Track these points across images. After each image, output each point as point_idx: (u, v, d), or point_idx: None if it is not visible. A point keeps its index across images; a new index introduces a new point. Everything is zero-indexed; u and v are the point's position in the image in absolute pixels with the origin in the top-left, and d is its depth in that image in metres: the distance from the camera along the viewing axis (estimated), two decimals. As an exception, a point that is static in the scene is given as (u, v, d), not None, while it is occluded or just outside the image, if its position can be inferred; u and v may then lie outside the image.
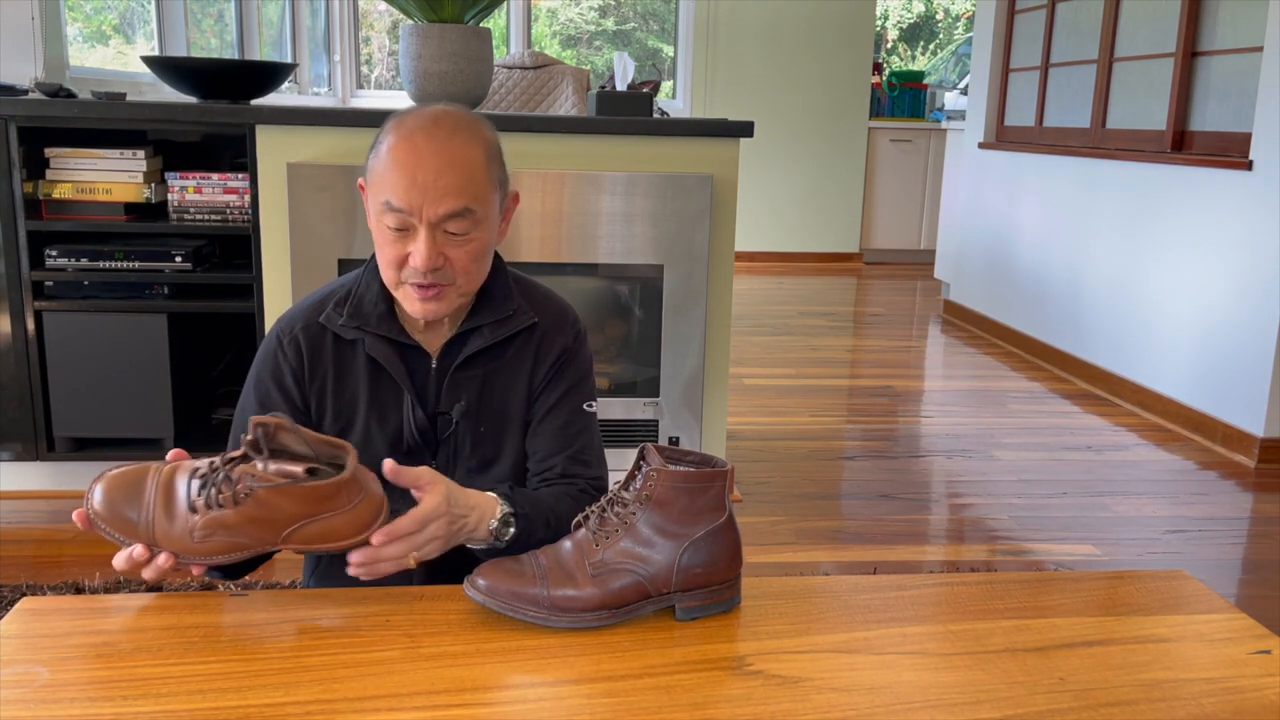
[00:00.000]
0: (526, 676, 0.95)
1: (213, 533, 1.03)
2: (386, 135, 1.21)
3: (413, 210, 1.17)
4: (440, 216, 1.18)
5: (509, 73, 4.00)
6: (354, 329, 1.27)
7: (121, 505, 1.04)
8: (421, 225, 1.18)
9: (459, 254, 1.20)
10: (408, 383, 1.28)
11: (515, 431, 1.32)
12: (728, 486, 1.06)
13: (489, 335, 1.29)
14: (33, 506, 2.76)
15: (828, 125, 7.30)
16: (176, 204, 2.67)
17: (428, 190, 1.17)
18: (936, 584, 1.16)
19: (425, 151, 1.17)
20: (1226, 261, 3.53)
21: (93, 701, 0.88)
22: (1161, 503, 3.04)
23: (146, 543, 1.03)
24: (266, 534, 1.03)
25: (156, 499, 1.04)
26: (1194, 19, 3.86)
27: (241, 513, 1.02)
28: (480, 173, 1.20)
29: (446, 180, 1.17)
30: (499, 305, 1.30)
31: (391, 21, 7.14)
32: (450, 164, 1.18)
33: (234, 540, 1.03)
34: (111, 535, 1.03)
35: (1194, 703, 0.93)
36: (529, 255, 2.65)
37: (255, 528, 1.03)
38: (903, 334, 5.32)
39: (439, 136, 1.18)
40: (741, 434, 3.55)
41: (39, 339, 2.64)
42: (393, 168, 1.18)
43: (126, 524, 1.03)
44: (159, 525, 1.03)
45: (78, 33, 3.96)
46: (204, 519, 1.02)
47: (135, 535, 1.03)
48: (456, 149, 1.19)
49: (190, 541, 1.03)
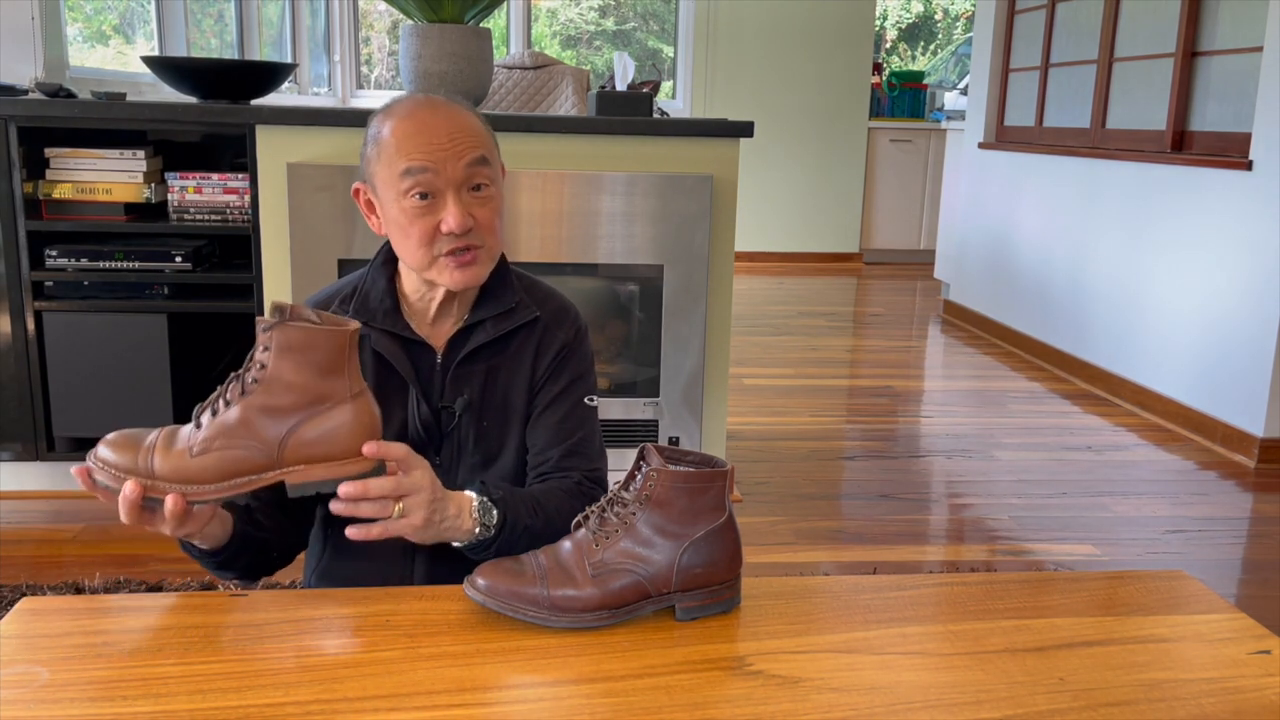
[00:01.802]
0: (526, 676, 0.95)
1: (210, 444, 1.01)
2: (381, 124, 1.23)
3: (436, 166, 1.19)
4: (463, 169, 1.20)
5: (509, 73, 4.00)
6: (360, 326, 1.27)
7: (122, 445, 1.03)
8: (448, 189, 1.20)
9: (484, 213, 1.23)
10: (413, 378, 1.28)
11: (518, 426, 1.33)
12: (728, 486, 1.06)
13: (492, 329, 1.30)
14: (33, 506, 2.76)
15: (827, 125, 7.30)
16: (176, 204, 2.67)
17: (445, 148, 1.20)
18: (936, 584, 1.16)
19: (430, 121, 1.21)
20: (1226, 261, 3.53)
21: (93, 701, 0.88)
22: (1161, 503, 3.04)
23: (144, 475, 1.01)
24: (267, 434, 1.01)
25: (160, 436, 1.04)
26: (1194, 19, 3.86)
27: (246, 404, 1.01)
28: (483, 132, 1.25)
29: (459, 138, 1.21)
30: (502, 299, 1.31)
31: (391, 21, 7.14)
32: (458, 126, 1.21)
33: (232, 453, 1.01)
34: (108, 477, 1.02)
35: (1194, 703, 0.93)
36: (529, 255, 2.65)
37: (256, 428, 1.01)
38: (903, 334, 5.32)
39: (439, 107, 1.23)
40: (741, 434, 3.55)
41: (39, 339, 2.64)
42: (404, 140, 1.20)
43: (124, 463, 1.02)
44: (157, 453, 1.02)
45: (78, 33, 3.96)
46: (205, 431, 1.01)
47: (133, 471, 1.01)
48: (456, 114, 1.23)
49: (187, 460, 1.01)
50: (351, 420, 1.04)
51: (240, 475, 1.02)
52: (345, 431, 1.03)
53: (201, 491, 1.02)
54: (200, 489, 1.02)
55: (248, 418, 1.01)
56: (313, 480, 1.03)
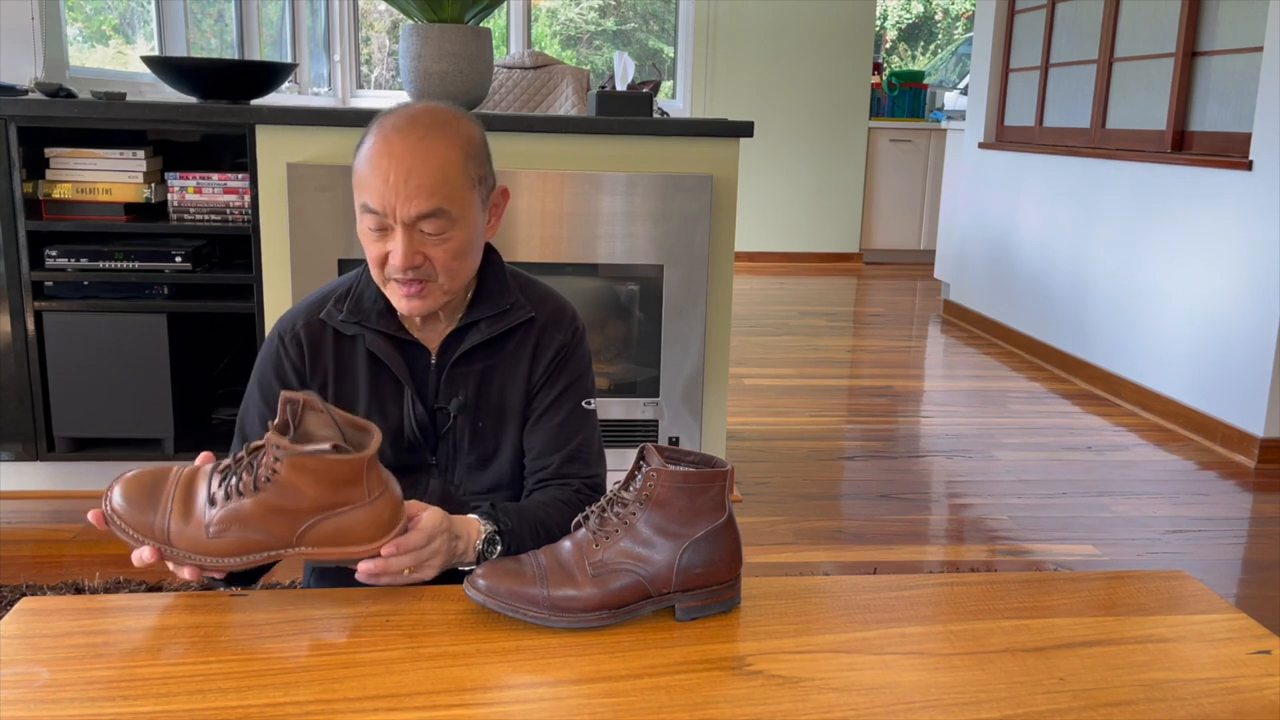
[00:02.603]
0: (526, 676, 0.95)
1: (228, 527, 1.02)
2: (368, 135, 1.22)
3: (386, 210, 1.18)
4: (413, 217, 1.18)
5: (509, 73, 3.99)
6: (354, 325, 1.28)
7: (140, 502, 1.03)
8: (397, 225, 1.19)
9: (438, 252, 1.21)
10: (408, 378, 1.28)
11: (514, 426, 1.33)
12: (728, 486, 1.05)
13: (486, 330, 1.30)
14: (33, 506, 2.76)
15: (828, 125, 7.30)
16: (176, 204, 2.67)
17: (399, 190, 1.17)
18: (936, 584, 1.16)
19: (398, 151, 1.18)
20: (1226, 261, 3.53)
21: (93, 701, 0.88)
22: (1161, 503, 3.04)
23: (161, 540, 1.02)
24: (283, 528, 1.02)
25: (176, 496, 1.04)
26: (1194, 19, 3.86)
27: (260, 501, 1.01)
28: (455, 171, 1.20)
29: (418, 180, 1.17)
30: (496, 300, 1.31)
31: (391, 21, 7.14)
32: (422, 164, 1.18)
33: (248, 537, 1.02)
34: (126, 534, 1.03)
35: (1194, 703, 0.93)
36: (529, 255, 2.65)
37: (272, 520, 1.01)
38: (903, 334, 5.32)
39: (412, 137, 1.19)
40: (741, 434, 3.55)
41: (39, 339, 2.64)
42: (368, 168, 1.19)
43: (142, 523, 1.03)
44: (174, 523, 1.02)
45: (78, 33, 3.96)
46: (221, 511, 1.02)
47: (150, 534, 1.02)
48: (429, 149, 1.19)
49: (204, 537, 1.02)
50: (369, 519, 1.04)
51: (256, 553, 1.03)
52: (363, 527, 1.04)
53: (219, 565, 1.03)
54: (217, 561, 1.03)
55: (262, 513, 1.02)
56: (329, 561, 1.05)
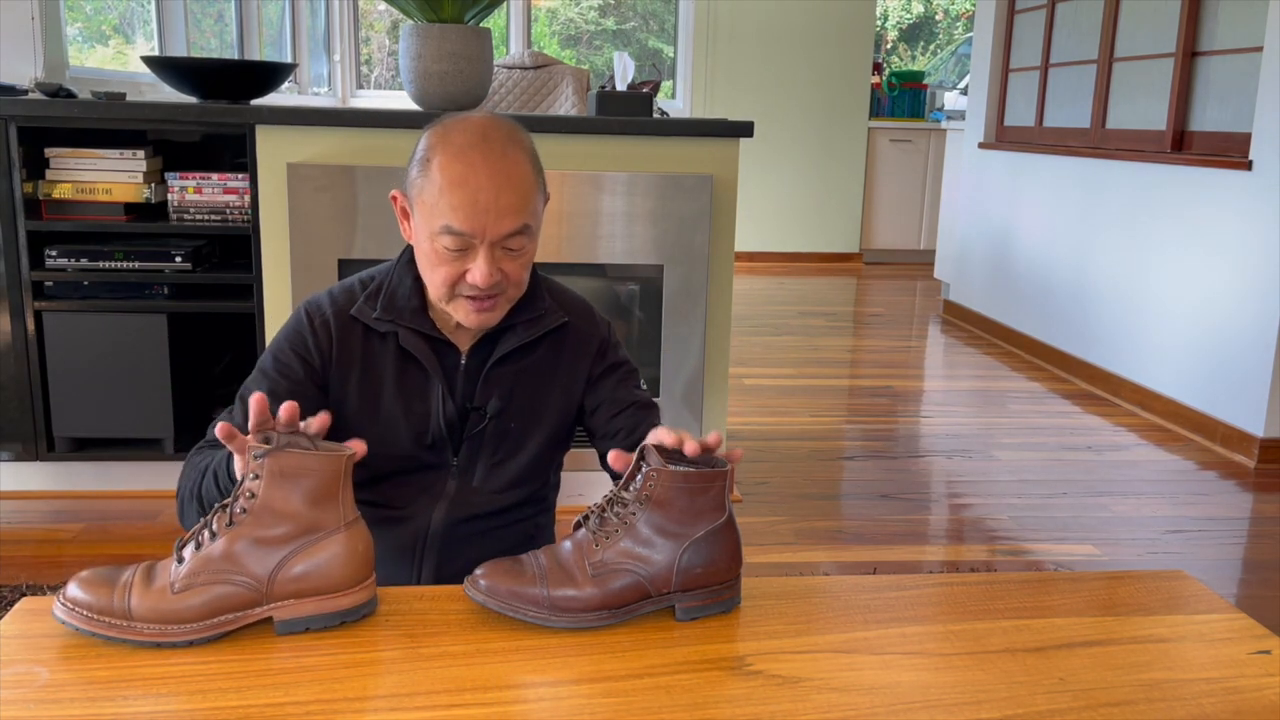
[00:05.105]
0: (526, 676, 0.95)
1: (194, 579, 0.97)
2: (434, 152, 1.19)
3: (474, 232, 1.17)
4: (503, 236, 1.18)
5: (509, 73, 3.99)
6: (388, 323, 1.28)
7: (96, 582, 0.98)
8: (483, 245, 1.18)
9: (513, 266, 1.22)
10: (440, 376, 1.29)
11: (541, 430, 1.35)
12: (728, 486, 1.06)
13: (522, 334, 1.31)
14: (33, 506, 2.76)
15: (828, 125, 7.30)
16: (176, 204, 2.67)
17: (489, 212, 1.17)
18: (936, 584, 1.16)
19: (482, 171, 1.16)
20: (1226, 261, 3.53)
21: (93, 701, 0.88)
22: (1161, 503, 3.04)
23: (120, 616, 0.96)
24: (255, 564, 0.98)
25: (136, 572, 0.99)
26: (1194, 19, 3.86)
27: (233, 536, 0.98)
28: (531, 186, 1.21)
29: (506, 200, 1.17)
30: (531, 305, 1.32)
31: (391, 21, 7.14)
32: (508, 183, 1.17)
33: (217, 589, 0.97)
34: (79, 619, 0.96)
35: (1194, 703, 0.93)
36: (529, 255, 2.65)
37: (244, 558, 0.98)
38: (903, 334, 5.32)
39: (493, 155, 1.17)
40: (741, 434, 3.55)
41: (39, 339, 2.64)
42: (450, 190, 1.16)
43: (97, 602, 0.97)
44: (135, 591, 0.97)
45: (78, 33, 3.96)
46: (189, 564, 0.97)
47: (108, 611, 0.96)
48: (511, 167, 1.18)
49: (168, 597, 0.96)
50: (345, 552, 1.01)
51: (225, 613, 0.98)
52: (339, 564, 1.00)
53: (181, 631, 0.96)
54: (180, 628, 0.97)
55: (235, 550, 0.98)
56: (302, 616, 1.00)
